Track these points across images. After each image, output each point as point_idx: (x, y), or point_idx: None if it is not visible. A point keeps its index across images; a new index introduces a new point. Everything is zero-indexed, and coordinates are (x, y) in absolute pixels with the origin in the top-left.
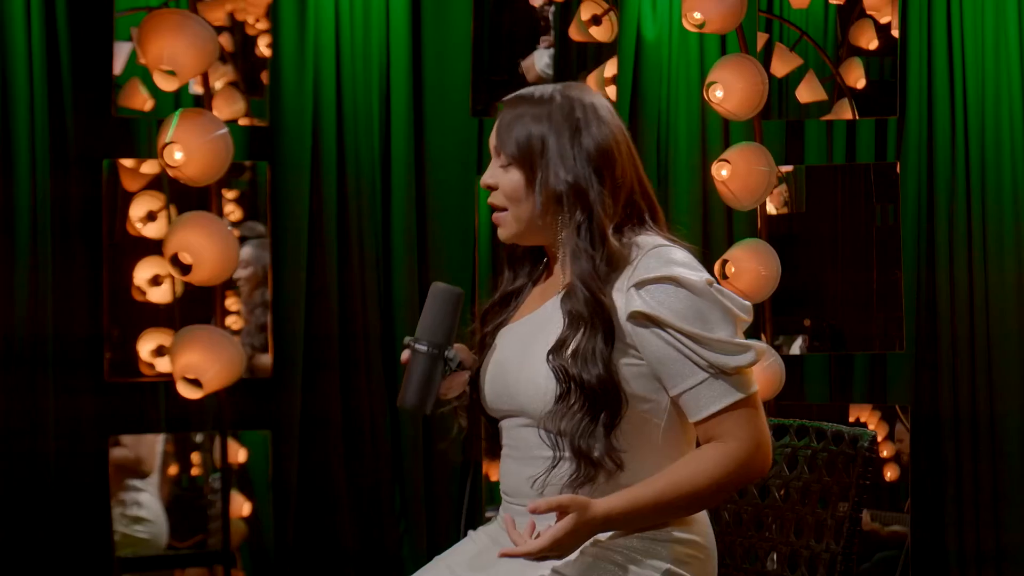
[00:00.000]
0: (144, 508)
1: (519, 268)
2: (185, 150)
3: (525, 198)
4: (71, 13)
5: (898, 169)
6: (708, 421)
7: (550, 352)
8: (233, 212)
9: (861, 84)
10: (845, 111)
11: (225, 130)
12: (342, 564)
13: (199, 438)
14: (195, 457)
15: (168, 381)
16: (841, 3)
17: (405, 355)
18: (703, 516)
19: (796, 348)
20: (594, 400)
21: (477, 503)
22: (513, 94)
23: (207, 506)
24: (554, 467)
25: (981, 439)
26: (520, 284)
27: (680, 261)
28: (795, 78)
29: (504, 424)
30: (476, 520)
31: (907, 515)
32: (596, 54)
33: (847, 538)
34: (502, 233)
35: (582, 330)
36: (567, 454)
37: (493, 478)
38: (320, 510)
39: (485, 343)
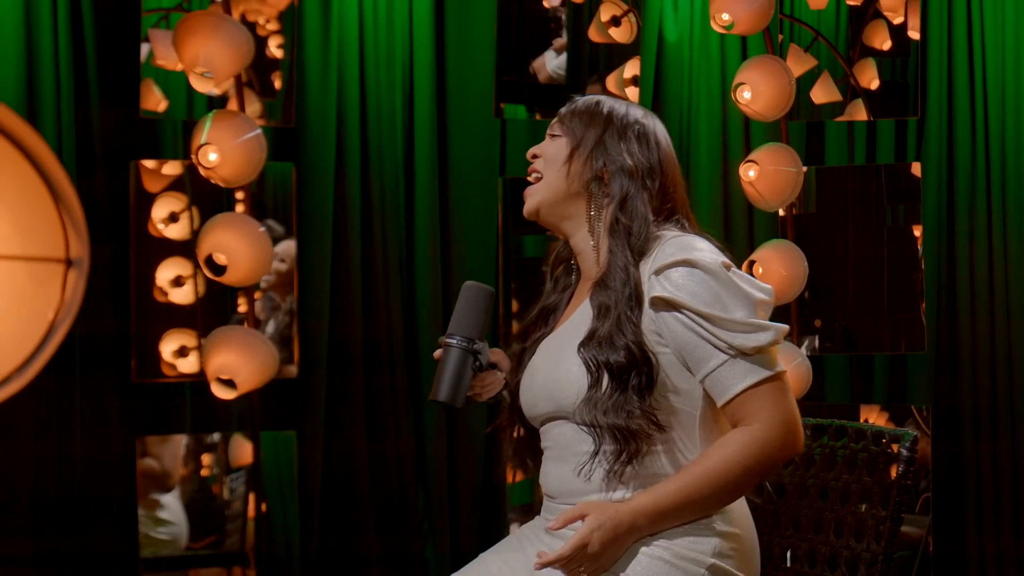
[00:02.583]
0: (166, 510)
1: (554, 285)
2: (219, 151)
3: (564, 163)
4: (97, 13)
5: (912, 170)
6: (732, 403)
7: (580, 344)
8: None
9: (875, 85)
10: (859, 112)
11: (259, 131)
12: (365, 564)
13: (214, 438)
14: (216, 458)
15: (194, 382)
16: (858, 4)
17: (438, 352)
18: (743, 510)
19: (804, 349)
20: (622, 373)
21: (501, 504)
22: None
23: (224, 507)
24: (596, 454)
25: (1001, 440)
26: (555, 300)
27: (697, 247)
28: (810, 79)
29: (544, 428)
30: (503, 521)
31: (920, 516)
32: (608, 55)
33: (888, 538)
34: (528, 204)
35: (610, 315)
36: (607, 441)
37: (508, 479)
38: (344, 510)
39: (524, 358)
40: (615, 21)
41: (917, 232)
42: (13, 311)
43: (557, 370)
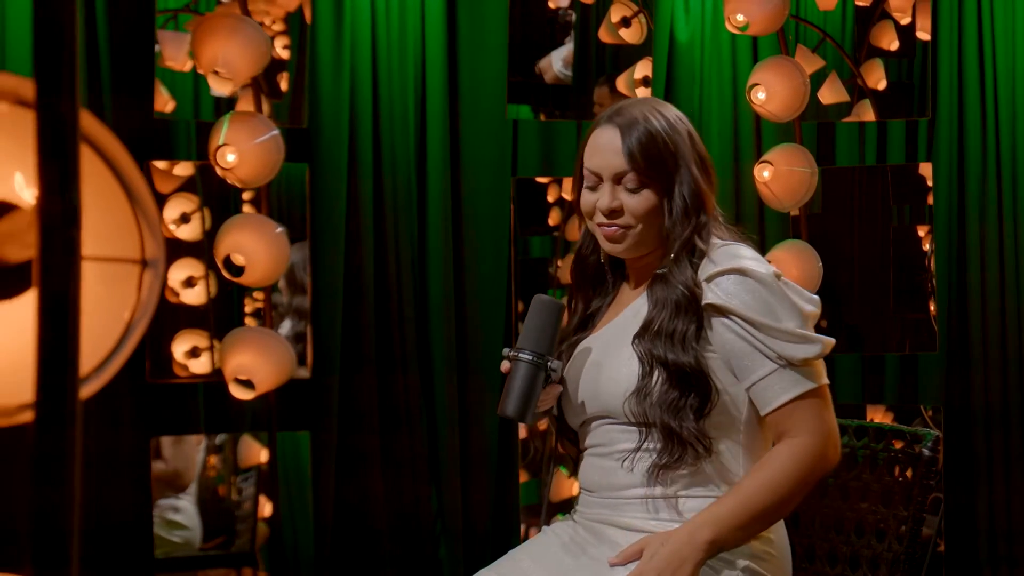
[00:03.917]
0: (181, 513)
1: (591, 292)
2: (237, 152)
3: (658, 215)
4: (110, 14)
5: (922, 170)
6: (778, 412)
7: (635, 336)
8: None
9: (882, 85)
10: (867, 112)
11: (276, 132)
12: (378, 564)
13: (227, 438)
14: (227, 459)
15: (208, 382)
16: (866, 4)
17: (505, 365)
18: None
19: None
20: (680, 378)
21: (515, 505)
22: (610, 114)
23: (234, 507)
24: (640, 447)
25: (1012, 440)
26: (596, 306)
27: (746, 255)
28: (818, 80)
29: (586, 429)
30: (516, 522)
31: (929, 516)
32: (616, 56)
33: (910, 538)
34: (619, 250)
35: (668, 312)
36: (654, 437)
37: (522, 479)
38: (356, 511)
39: (561, 359)
40: (625, 22)
41: (923, 232)
42: (89, 312)
43: (604, 367)
